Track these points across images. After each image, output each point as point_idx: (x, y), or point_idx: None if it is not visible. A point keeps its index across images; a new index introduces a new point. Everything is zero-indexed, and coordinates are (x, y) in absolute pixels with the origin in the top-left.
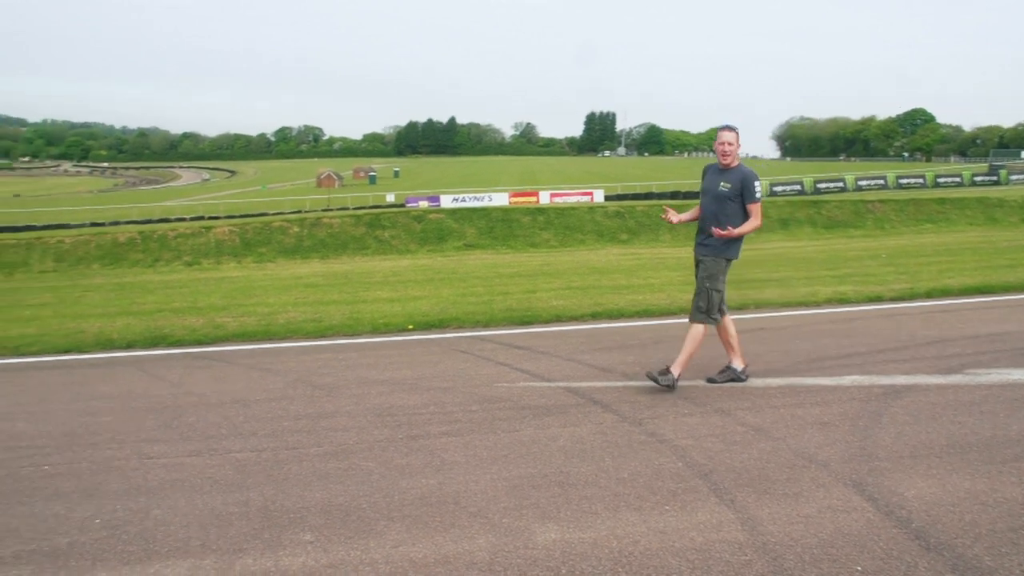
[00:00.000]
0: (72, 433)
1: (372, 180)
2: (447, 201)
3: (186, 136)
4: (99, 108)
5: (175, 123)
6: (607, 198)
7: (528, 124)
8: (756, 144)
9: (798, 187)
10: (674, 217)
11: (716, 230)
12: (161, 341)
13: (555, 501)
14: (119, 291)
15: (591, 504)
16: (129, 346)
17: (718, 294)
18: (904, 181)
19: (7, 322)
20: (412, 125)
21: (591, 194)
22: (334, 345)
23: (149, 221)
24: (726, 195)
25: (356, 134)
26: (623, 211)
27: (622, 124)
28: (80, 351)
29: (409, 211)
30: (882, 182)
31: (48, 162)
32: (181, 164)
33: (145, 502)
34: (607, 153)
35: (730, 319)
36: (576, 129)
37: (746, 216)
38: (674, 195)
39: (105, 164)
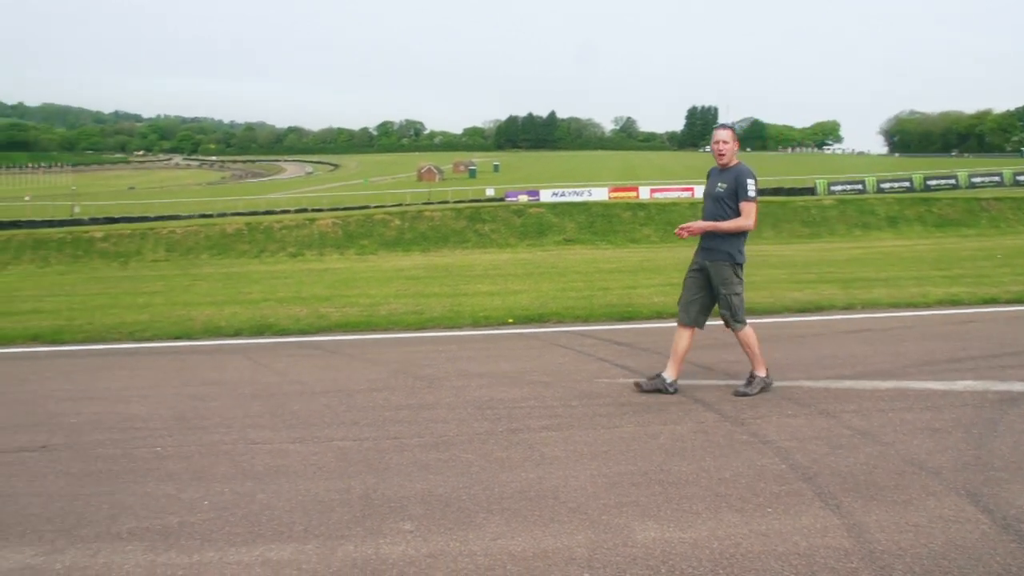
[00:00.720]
0: (182, 417)
1: (472, 174)
2: (546, 195)
3: (291, 130)
4: (209, 104)
5: (280, 118)
6: None
7: (628, 118)
8: (863, 140)
9: (907, 184)
10: (686, 233)
11: (678, 228)
12: (267, 330)
13: (655, 499)
14: (226, 280)
15: (691, 503)
16: (236, 334)
17: (737, 297)
18: (1022, 178)
19: (122, 308)
20: (512, 119)
21: (692, 190)
22: (435, 337)
23: (255, 213)
24: (722, 195)
25: (456, 128)
26: None
27: (724, 118)
28: (190, 338)
29: (509, 205)
30: (998, 179)
31: (161, 156)
32: (286, 158)
33: (251, 486)
34: (708, 148)
35: (692, 335)
36: (677, 123)
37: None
38: (776, 191)
39: (214, 158)
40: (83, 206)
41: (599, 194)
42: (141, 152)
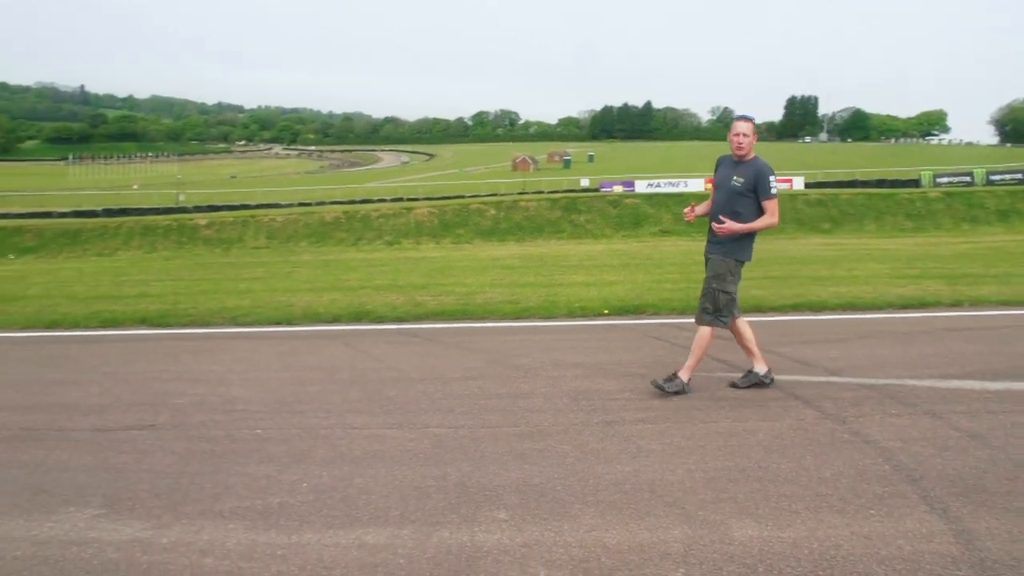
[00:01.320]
0: (282, 400)
1: (567, 164)
2: (642, 186)
3: (387, 120)
4: (308, 95)
5: (377, 108)
6: (807, 185)
7: (725, 108)
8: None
9: (1020, 176)
10: (691, 215)
11: (716, 225)
12: (364, 317)
13: (753, 497)
14: (325, 267)
15: (791, 503)
16: (334, 320)
17: (726, 295)
18: None
19: (225, 294)
20: (607, 109)
21: (790, 181)
22: (530, 327)
23: (352, 202)
24: (739, 190)
25: (551, 118)
26: (825, 199)
27: (825, 108)
28: (289, 323)
29: (604, 196)
30: None
31: (261, 145)
32: (382, 147)
33: (349, 470)
34: (807, 139)
35: (745, 322)
36: (775, 113)
37: (760, 212)
38: (879, 183)
39: (312, 147)
40: (187, 194)
41: (695, 185)
42: (243, 142)
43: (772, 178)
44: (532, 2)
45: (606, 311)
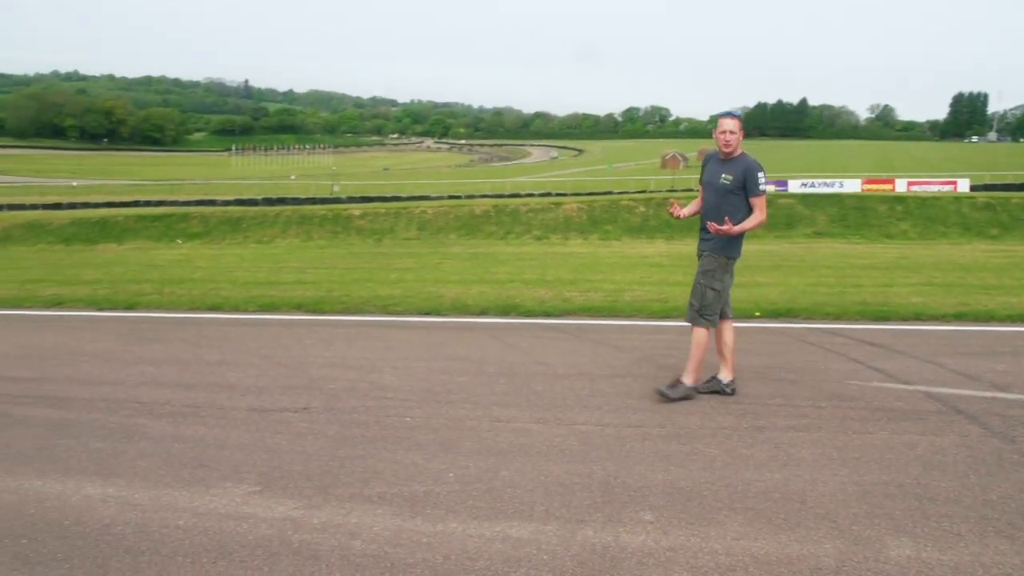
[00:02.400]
0: (431, 390)
1: None
2: (795, 186)
3: (537, 115)
4: (460, 89)
5: (528, 103)
6: (973, 188)
7: (886, 106)
8: None
9: None
10: (679, 211)
11: (713, 225)
12: (512, 310)
13: (911, 514)
14: (473, 260)
15: (952, 523)
16: (482, 313)
17: (713, 292)
18: None
19: (377, 283)
20: (760, 106)
21: (955, 183)
22: (678, 327)
23: (501, 196)
24: (727, 188)
25: (703, 115)
26: (994, 203)
27: (995, 106)
28: (438, 314)
29: None
30: None
31: (413, 139)
32: (532, 142)
33: (494, 462)
34: (975, 138)
35: (731, 327)
36: (940, 111)
37: (749, 210)
38: None
39: (463, 141)
40: (342, 185)
41: (851, 185)
42: (395, 135)
43: (761, 175)
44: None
45: (757, 313)
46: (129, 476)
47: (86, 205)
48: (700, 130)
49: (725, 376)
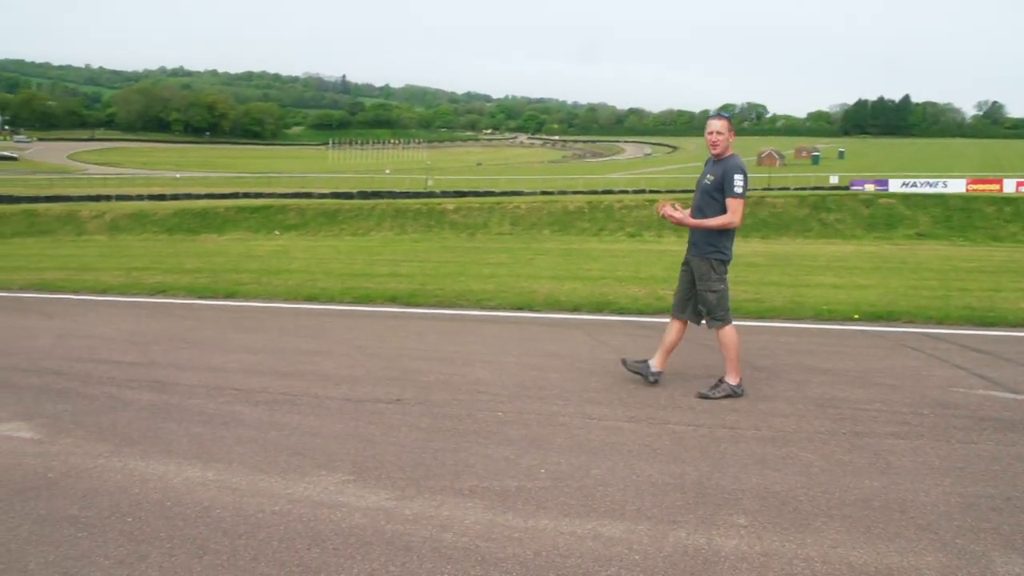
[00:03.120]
0: (522, 385)
1: (815, 160)
2: (895, 185)
3: (631, 112)
4: (554, 85)
5: (622, 99)
6: None
7: (995, 103)
8: None
9: None
10: (668, 210)
11: (665, 211)
12: (605, 307)
13: (1021, 530)
14: (566, 256)
15: None
16: (575, 309)
17: (714, 295)
18: None
19: (470, 277)
20: (861, 103)
21: None
22: (774, 327)
23: (594, 192)
24: (708, 188)
25: (800, 112)
26: None
27: None
28: (531, 309)
29: (856, 194)
30: None
31: (507, 134)
32: (625, 139)
33: (586, 460)
34: None
35: (680, 326)
36: None
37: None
38: None
39: (556, 137)
40: (436, 180)
41: (955, 186)
42: (489, 130)
43: (738, 177)
44: None
45: (856, 316)
46: (227, 461)
47: (188, 196)
48: (798, 127)
49: (656, 365)
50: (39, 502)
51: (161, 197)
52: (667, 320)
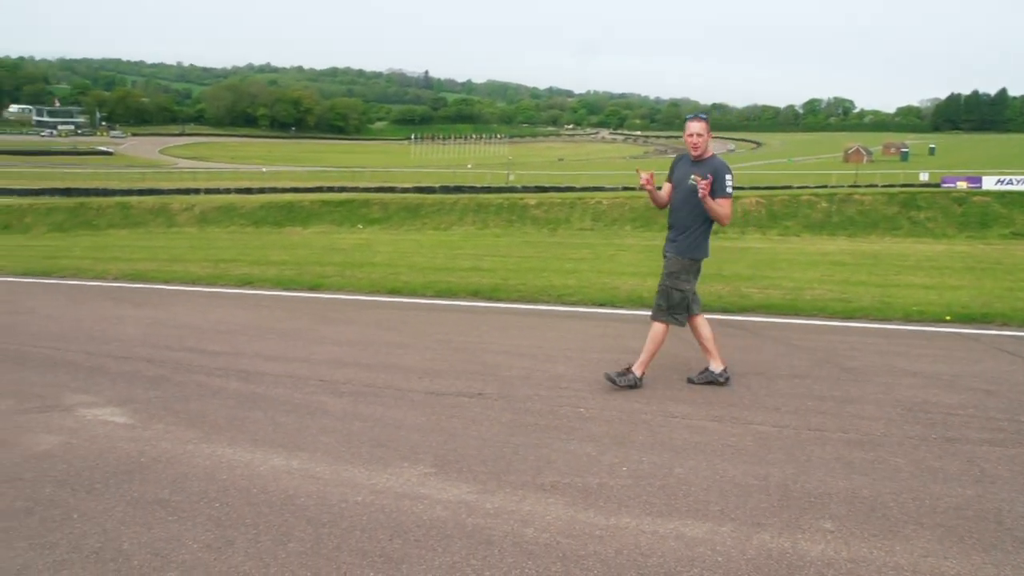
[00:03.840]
0: (603, 381)
1: (904, 157)
2: (990, 183)
3: (715, 107)
4: (636, 80)
5: (705, 94)
6: None
7: None
8: None
9: None
10: (644, 177)
11: (698, 178)
12: None
13: None
14: (648, 253)
15: None
16: None
17: (679, 293)
18: None
19: (552, 273)
20: (953, 98)
21: None
22: (861, 328)
23: None
24: (695, 187)
25: (889, 107)
26: None
27: None
28: (613, 305)
29: (948, 192)
30: None
31: (588, 130)
32: None
33: (669, 458)
34: None
35: (704, 320)
36: None
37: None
38: None
39: (638, 132)
40: (517, 175)
41: None
42: (571, 126)
43: (728, 177)
44: None
45: (948, 317)
46: (311, 450)
47: (274, 190)
48: (886, 123)
49: (716, 367)
50: (132, 485)
51: (248, 191)
52: (751, 318)
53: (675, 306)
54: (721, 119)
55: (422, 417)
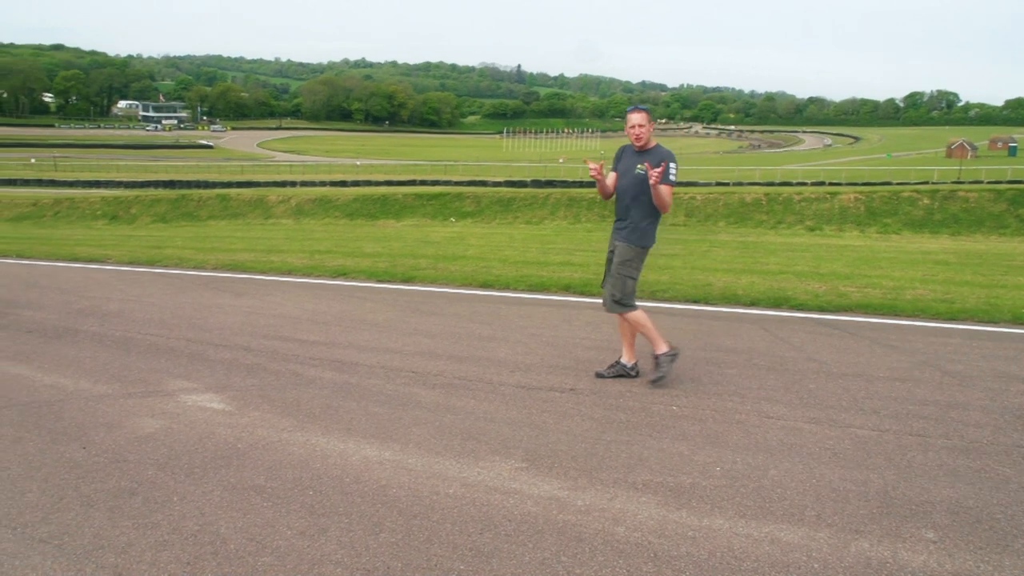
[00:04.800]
0: (697, 380)
1: (1012, 152)
2: None
3: (811, 101)
4: (731, 74)
5: (801, 88)
6: None
7: None
8: None
9: None
10: (593, 166)
11: (648, 165)
12: (784, 303)
13: None
14: (742, 249)
15: None
16: (752, 304)
17: (632, 281)
18: None
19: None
20: None
21: None
22: (966, 330)
23: (771, 184)
24: (643, 176)
25: (997, 100)
26: None
27: None
28: (707, 302)
29: None
30: None
31: (682, 124)
32: (804, 129)
33: (763, 460)
34: None
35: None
36: None
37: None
38: None
39: (732, 127)
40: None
41: None
42: (664, 120)
43: (674, 165)
44: None
45: None
46: (404, 442)
47: (368, 183)
48: (993, 116)
49: (628, 359)
50: (229, 471)
51: (342, 183)
52: (849, 318)
53: (629, 294)
54: (818, 113)
55: (513, 411)
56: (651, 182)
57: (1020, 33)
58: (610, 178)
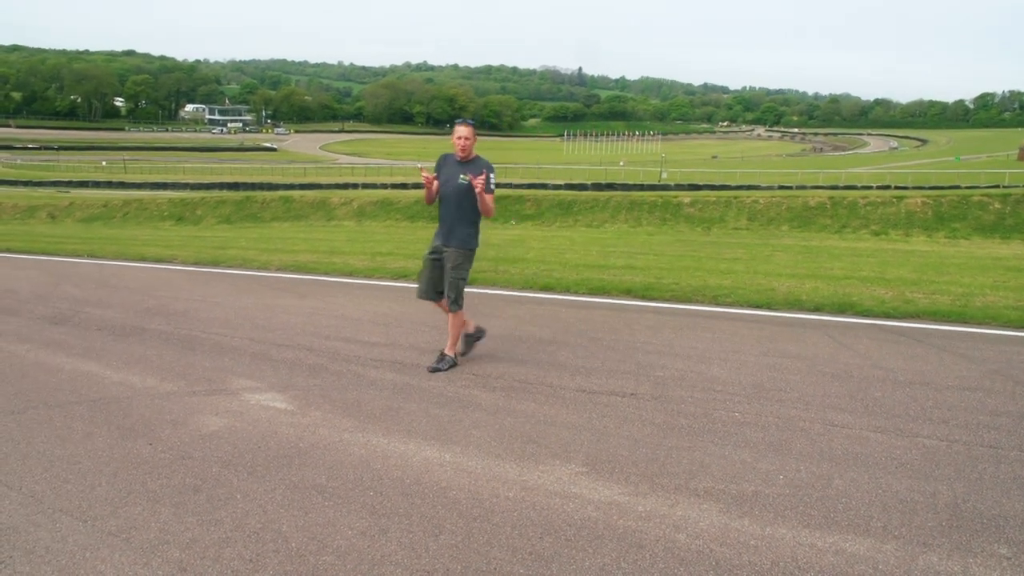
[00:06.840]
0: (760, 386)
1: None
2: None
3: (877, 103)
4: (794, 76)
5: (867, 89)
6: None
7: None
8: None
9: None
10: (427, 175)
11: (472, 177)
12: (848, 309)
13: None
14: (806, 254)
15: None
16: (816, 309)
17: (463, 282)
18: None
19: (706, 272)
20: None
21: None
22: None
23: (835, 187)
24: (466, 186)
25: None
26: None
27: None
28: (770, 307)
29: None
30: None
31: (744, 127)
32: (869, 131)
33: (828, 469)
34: None
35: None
36: None
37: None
38: None
39: (795, 129)
40: (670, 172)
41: None
42: (725, 123)
43: (493, 175)
44: None
45: None
46: (464, 444)
47: None
48: None
49: (451, 351)
50: (291, 470)
51: (403, 186)
52: (917, 325)
53: (461, 294)
54: (883, 115)
55: (574, 415)
56: (476, 191)
57: None
58: (434, 186)
